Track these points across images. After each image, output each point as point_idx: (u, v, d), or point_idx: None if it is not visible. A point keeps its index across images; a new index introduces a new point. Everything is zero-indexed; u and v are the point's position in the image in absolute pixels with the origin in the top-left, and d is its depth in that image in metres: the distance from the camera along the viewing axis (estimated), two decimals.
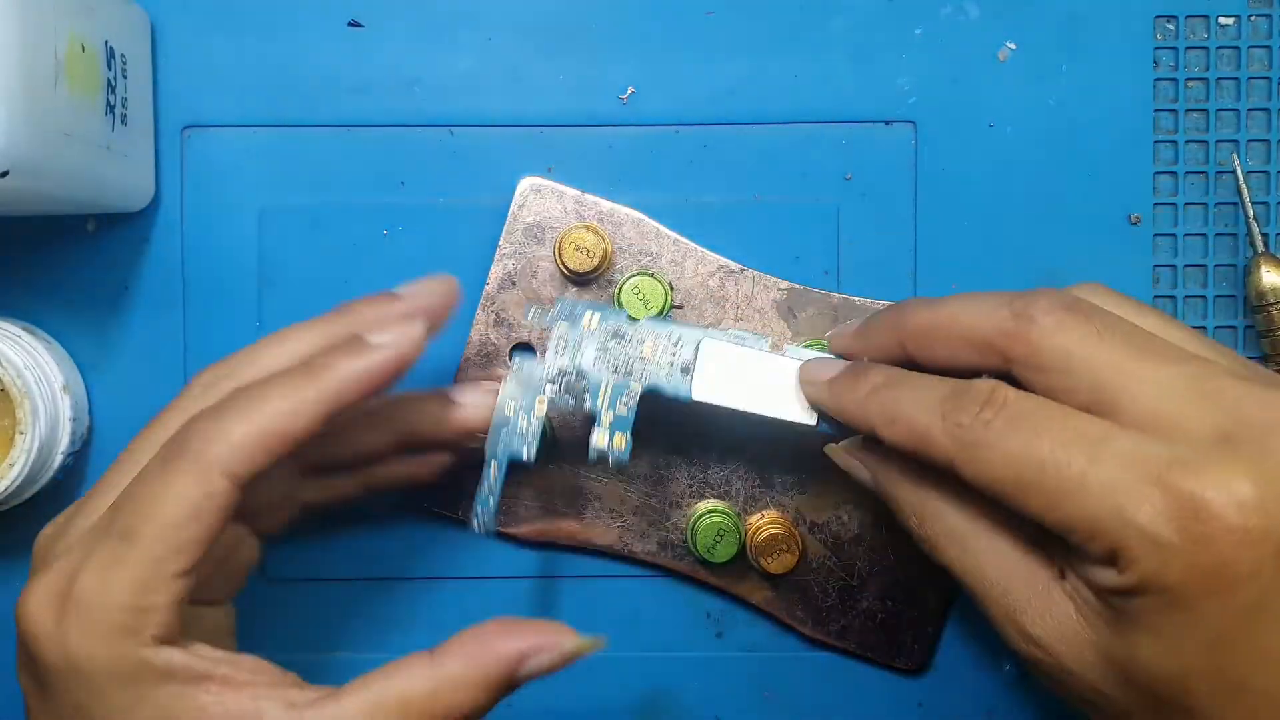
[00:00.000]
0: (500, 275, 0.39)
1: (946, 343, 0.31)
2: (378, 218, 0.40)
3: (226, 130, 0.40)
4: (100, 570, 0.28)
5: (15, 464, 0.36)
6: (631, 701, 0.40)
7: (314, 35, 0.40)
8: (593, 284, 0.39)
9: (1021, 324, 0.29)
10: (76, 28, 0.33)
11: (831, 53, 0.40)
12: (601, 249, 0.38)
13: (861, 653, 0.40)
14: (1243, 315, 0.40)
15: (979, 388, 0.29)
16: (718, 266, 0.39)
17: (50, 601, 0.29)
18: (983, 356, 0.30)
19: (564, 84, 0.40)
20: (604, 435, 0.34)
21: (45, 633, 0.28)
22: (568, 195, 0.39)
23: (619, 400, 0.35)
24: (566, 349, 0.35)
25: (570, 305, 0.36)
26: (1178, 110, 0.40)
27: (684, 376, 0.35)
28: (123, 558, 0.28)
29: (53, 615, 0.29)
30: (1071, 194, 0.40)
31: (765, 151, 0.40)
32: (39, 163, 0.31)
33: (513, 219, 0.39)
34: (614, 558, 0.40)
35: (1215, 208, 0.40)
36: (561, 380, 0.35)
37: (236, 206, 0.40)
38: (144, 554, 0.28)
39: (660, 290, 0.38)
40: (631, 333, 0.35)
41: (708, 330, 0.35)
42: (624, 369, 0.35)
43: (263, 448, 0.29)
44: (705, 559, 0.39)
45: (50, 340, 0.39)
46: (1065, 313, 0.29)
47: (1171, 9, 0.40)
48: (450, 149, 0.40)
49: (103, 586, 0.28)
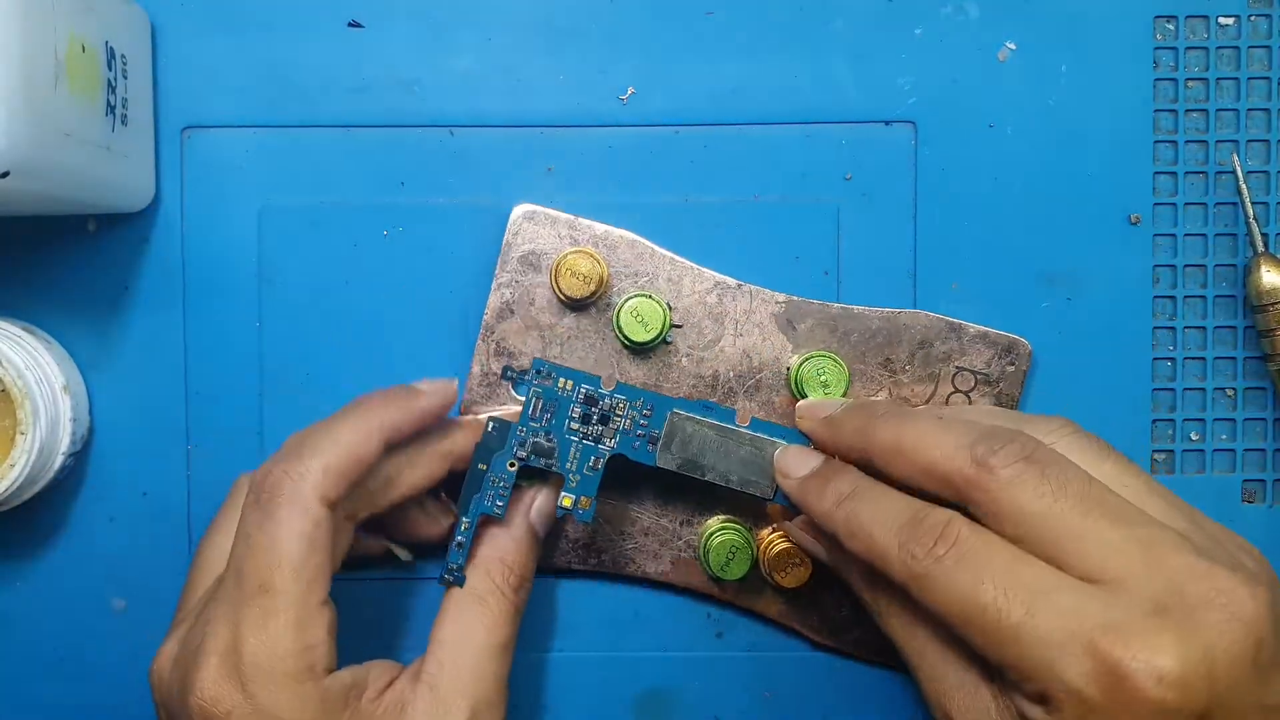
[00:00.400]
0: (498, 305, 0.39)
1: (908, 469, 0.32)
2: (378, 218, 0.40)
3: (226, 130, 0.40)
4: (258, 630, 0.31)
5: (16, 464, 0.36)
6: (631, 701, 0.40)
7: (314, 35, 0.40)
8: (591, 308, 0.39)
9: (980, 473, 0.31)
10: (77, 28, 0.33)
11: (831, 53, 0.40)
12: (598, 274, 0.38)
13: (880, 660, 0.40)
14: (1242, 315, 0.40)
15: (935, 519, 0.31)
16: (714, 283, 0.39)
17: (227, 677, 0.31)
18: (939, 489, 0.32)
19: (564, 84, 0.40)
20: (570, 497, 0.36)
21: (235, 706, 0.31)
22: (561, 220, 0.39)
23: (586, 464, 0.36)
24: (540, 412, 0.36)
25: (546, 368, 0.37)
26: (1177, 110, 0.40)
27: (651, 445, 0.36)
28: (271, 609, 0.31)
29: (236, 688, 0.31)
30: (1071, 194, 0.40)
31: (765, 152, 0.40)
32: (39, 163, 0.31)
33: (507, 248, 0.39)
34: (627, 580, 0.40)
35: (1215, 208, 0.40)
36: (532, 442, 0.36)
37: (236, 206, 0.40)
38: (287, 598, 0.31)
39: (658, 311, 0.38)
40: (604, 399, 0.37)
41: (678, 400, 0.37)
42: (594, 435, 0.36)
43: (343, 472, 0.33)
44: (718, 576, 0.38)
45: (51, 340, 0.39)
46: (1024, 465, 0.30)
47: (1171, 9, 0.40)
48: (450, 149, 0.40)
49: (268, 643, 0.31)
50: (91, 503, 0.40)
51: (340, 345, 0.40)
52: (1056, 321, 0.40)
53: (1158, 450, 0.40)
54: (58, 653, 0.40)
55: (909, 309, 0.39)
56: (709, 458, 0.37)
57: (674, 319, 0.39)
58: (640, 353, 0.39)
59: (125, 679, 0.40)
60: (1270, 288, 0.38)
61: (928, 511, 0.31)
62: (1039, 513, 0.30)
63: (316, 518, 0.32)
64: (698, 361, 0.39)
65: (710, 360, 0.39)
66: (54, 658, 0.40)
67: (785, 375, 0.39)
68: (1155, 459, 0.40)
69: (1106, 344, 0.40)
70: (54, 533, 0.40)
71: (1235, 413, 0.40)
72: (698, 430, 0.37)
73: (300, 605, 0.31)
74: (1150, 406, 0.40)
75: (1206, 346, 0.40)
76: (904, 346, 0.39)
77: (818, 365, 0.38)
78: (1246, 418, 0.40)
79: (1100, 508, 0.30)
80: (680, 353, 0.39)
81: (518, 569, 0.35)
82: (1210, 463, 0.40)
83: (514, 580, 0.35)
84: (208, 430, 0.40)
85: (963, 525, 0.30)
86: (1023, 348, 0.39)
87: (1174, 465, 0.40)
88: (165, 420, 0.40)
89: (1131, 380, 0.40)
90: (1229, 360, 0.40)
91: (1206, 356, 0.40)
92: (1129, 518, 0.30)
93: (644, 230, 0.39)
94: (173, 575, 0.40)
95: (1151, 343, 0.40)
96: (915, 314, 0.39)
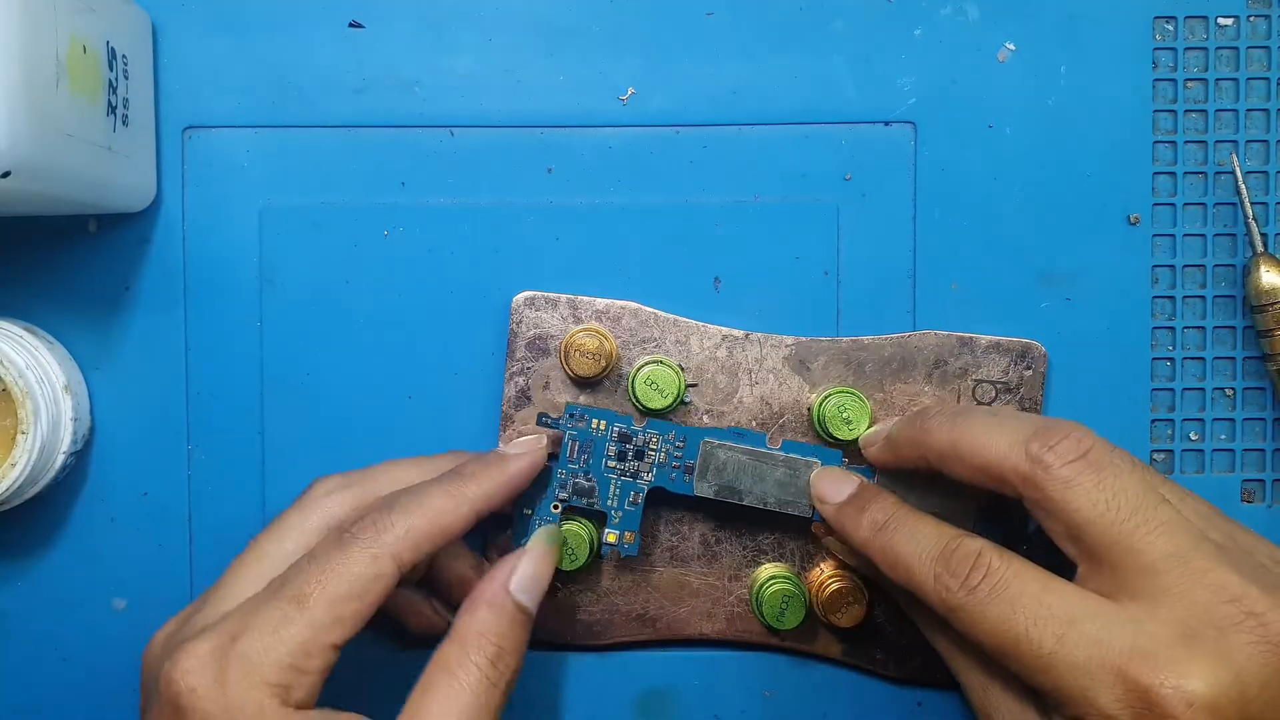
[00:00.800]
0: (514, 394, 0.39)
1: (964, 467, 0.33)
2: (378, 218, 0.40)
3: (227, 130, 0.40)
4: (269, 629, 0.31)
5: (17, 464, 0.36)
6: (631, 701, 0.40)
7: (314, 35, 0.40)
8: (604, 383, 0.39)
9: (1035, 470, 0.31)
10: (78, 29, 0.33)
11: (831, 53, 0.40)
12: (606, 350, 0.38)
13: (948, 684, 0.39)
14: (1242, 315, 0.40)
15: (967, 550, 0.32)
16: (722, 337, 0.39)
17: (212, 657, 0.30)
18: (997, 486, 0.32)
19: (564, 84, 0.40)
20: (614, 533, 0.37)
21: (204, 685, 0.30)
22: (561, 301, 0.39)
23: (627, 500, 0.37)
24: (577, 454, 0.37)
25: (579, 411, 0.37)
26: (1176, 111, 0.40)
27: (687, 475, 0.37)
28: (291, 619, 0.31)
29: (213, 671, 0.30)
30: (1071, 194, 0.40)
31: (765, 152, 0.40)
32: (40, 163, 0.31)
33: (513, 337, 0.39)
34: (685, 643, 0.40)
35: (1214, 208, 0.40)
36: (572, 483, 0.37)
37: (237, 206, 0.40)
38: (311, 619, 0.31)
39: (671, 375, 0.38)
40: (637, 435, 0.37)
41: (709, 429, 0.38)
42: (631, 470, 0.37)
43: (427, 538, 0.33)
44: (774, 627, 0.38)
45: (52, 340, 0.39)
46: (1081, 466, 0.31)
47: (1170, 10, 0.40)
48: (450, 149, 0.40)
49: (267, 644, 0.31)
50: (92, 503, 0.40)
51: (340, 345, 0.40)
52: (1055, 322, 0.40)
53: (1157, 450, 0.40)
54: (58, 653, 0.40)
55: (916, 330, 0.39)
56: (745, 482, 0.37)
57: (688, 379, 0.39)
58: (661, 418, 0.39)
59: (125, 679, 0.40)
60: (1269, 288, 0.38)
61: (959, 542, 0.32)
62: (1091, 520, 0.30)
63: (379, 572, 0.32)
64: (718, 416, 0.39)
65: (730, 413, 0.39)
66: (54, 658, 0.40)
67: (807, 416, 0.39)
68: (1155, 459, 0.40)
69: (1106, 344, 0.40)
70: (54, 533, 0.40)
71: (1234, 413, 0.40)
72: (731, 456, 0.37)
73: (317, 631, 0.31)
74: (1149, 406, 0.40)
75: (1206, 346, 0.40)
76: (919, 369, 0.39)
77: (839, 403, 0.38)
78: (1246, 418, 0.40)
79: (1148, 525, 0.30)
80: (700, 411, 0.39)
81: (493, 639, 0.33)
82: (1209, 462, 0.40)
83: (490, 650, 0.33)
84: (208, 430, 0.40)
85: (993, 556, 0.31)
86: (1037, 350, 0.39)
87: (1173, 465, 0.40)
88: (166, 420, 0.40)
89: (1131, 380, 0.40)
90: (1228, 360, 0.40)
91: (1206, 356, 0.40)
92: (1172, 529, 0.30)
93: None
94: (173, 575, 0.40)
95: (1150, 343, 0.40)
96: (924, 335, 0.39)
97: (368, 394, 0.40)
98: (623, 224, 0.40)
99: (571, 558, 0.37)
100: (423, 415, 0.40)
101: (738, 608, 0.39)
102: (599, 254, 0.40)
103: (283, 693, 0.30)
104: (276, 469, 0.40)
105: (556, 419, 0.38)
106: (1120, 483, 0.31)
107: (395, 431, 0.40)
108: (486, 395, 0.40)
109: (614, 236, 0.40)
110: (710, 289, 0.40)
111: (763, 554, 0.39)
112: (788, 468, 0.37)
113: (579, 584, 0.39)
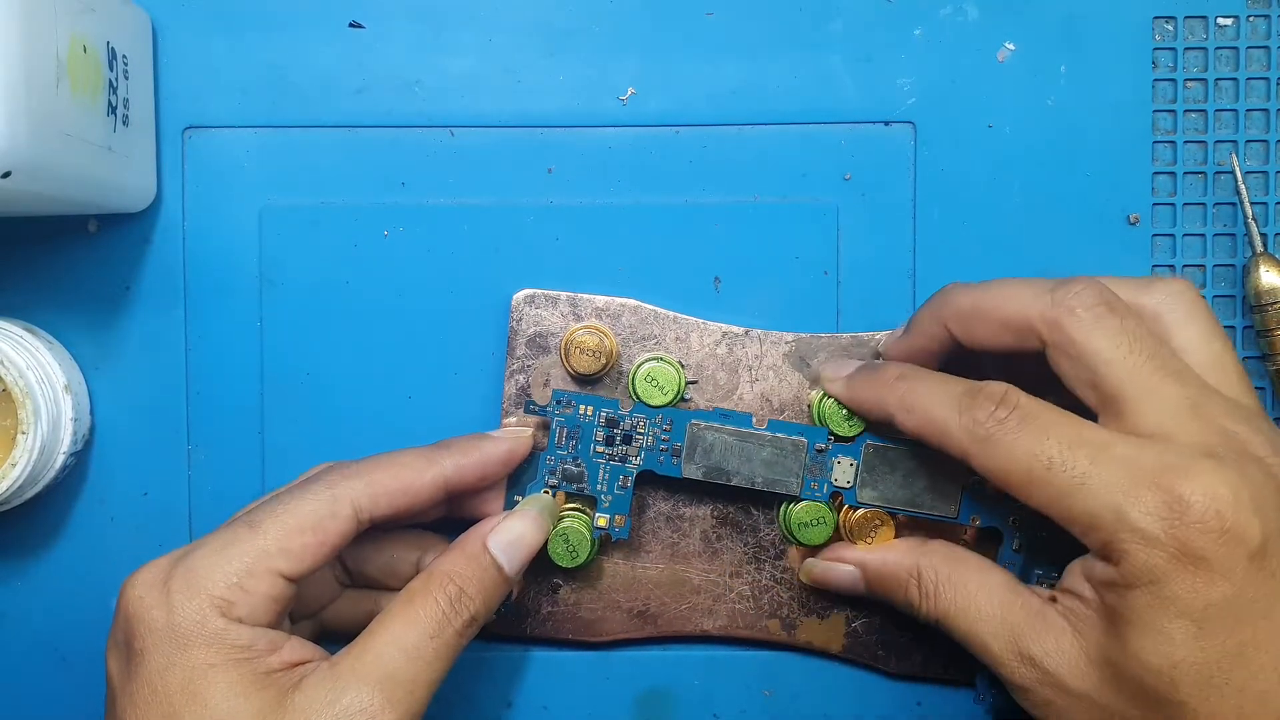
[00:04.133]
0: (514, 392, 0.39)
1: (987, 324, 0.33)
2: (378, 218, 0.40)
3: (227, 130, 0.40)
4: (218, 547, 0.32)
5: (17, 464, 0.36)
6: (631, 701, 0.40)
7: (314, 35, 0.40)
8: (604, 380, 0.39)
9: (1061, 313, 0.32)
10: (78, 29, 0.33)
11: (831, 53, 0.40)
12: (606, 348, 0.38)
13: (948, 678, 0.39)
14: (1242, 315, 0.40)
15: (993, 389, 0.32)
16: (722, 334, 0.39)
17: (163, 572, 0.32)
18: (1019, 339, 0.33)
19: (564, 85, 0.40)
20: (604, 517, 0.38)
21: (151, 595, 0.31)
22: (561, 299, 0.39)
23: (616, 484, 0.38)
24: (565, 440, 0.38)
25: (566, 397, 0.37)
26: (1176, 111, 0.40)
27: (675, 458, 0.37)
28: (241, 539, 0.32)
29: (161, 583, 0.31)
30: (1070, 194, 0.40)
31: (765, 152, 0.40)
32: (40, 164, 0.31)
33: (514, 334, 0.39)
34: (686, 640, 0.40)
35: (1214, 208, 0.40)
36: (561, 469, 0.38)
37: (237, 206, 0.40)
38: (261, 544, 0.32)
39: (671, 372, 0.38)
40: (624, 419, 0.37)
41: (695, 411, 0.38)
42: (619, 455, 0.37)
43: (387, 491, 0.34)
44: (796, 538, 0.38)
45: (52, 340, 0.39)
46: (1105, 311, 0.32)
47: (1170, 10, 0.40)
48: (450, 149, 0.40)
49: (215, 560, 0.31)
50: (92, 503, 0.40)
51: (340, 345, 0.40)
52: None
53: None
54: (58, 653, 0.40)
55: None
56: (732, 463, 0.37)
57: (688, 376, 0.39)
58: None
59: None
60: (1269, 288, 0.38)
61: (984, 384, 0.33)
62: (1112, 360, 0.31)
63: (335, 512, 0.33)
64: None
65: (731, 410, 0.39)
66: (54, 658, 0.40)
67: (807, 411, 0.39)
68: None
69: None
70: (54, 533, 0.40)
71: None
72: (718, 437, 0.37)
73: (264, 556, 0.32)
74: None
75: None
76: None
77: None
78: None
79: (1165, 369, 0.31)
80: (700, 408, 0.39)
81: (458, 580, 0.34)
82: None
83: (451, 590, 0.33)
84: (208, 430, 0.40)
85: (1020, 393, 0.32)
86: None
87: None
88: (166, 420, 0.40)
89: None
90: None
91: None
92: (1187, 380, 0.31)
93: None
94: None
95: None
96: None
97: (368, 393, 0.40)
98: (623, 224, 0.40)
99: (573, 555, 0.37)
100: (423, 415, 0.40)
101: (739, 604, 0.39)
102: (599, 254, 0.40)
103: (225, 606, 0.31)
104: (276, 469, 0.40)
105: (544, 406, 0.38)
106: (1140, 330, 0.32)
107: (395, 431, 0.40)
108: (487, 394, 0.40)
109: (614, 237, 0.40)
110: (710, 289, 0.40)
111: (763, 551, 0.39)
112: (774, 447, 0.37)
113: (579, 580, 0.39)
